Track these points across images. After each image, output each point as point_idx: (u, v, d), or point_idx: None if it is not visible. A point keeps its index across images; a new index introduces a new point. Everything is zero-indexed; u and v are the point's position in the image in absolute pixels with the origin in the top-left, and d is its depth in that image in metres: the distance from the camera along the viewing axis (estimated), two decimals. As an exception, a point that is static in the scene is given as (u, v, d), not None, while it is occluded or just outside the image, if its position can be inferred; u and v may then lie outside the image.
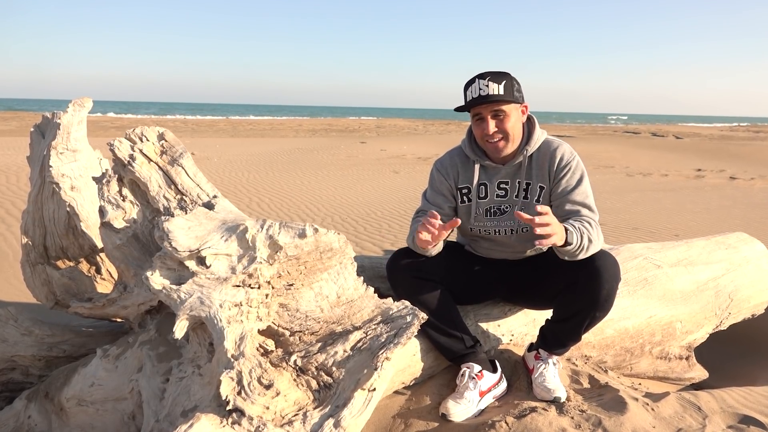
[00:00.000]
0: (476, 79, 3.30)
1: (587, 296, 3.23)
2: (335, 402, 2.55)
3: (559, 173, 3.41)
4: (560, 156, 3.42)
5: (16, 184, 12.31)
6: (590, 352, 3.89)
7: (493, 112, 3.33)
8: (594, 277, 3.19)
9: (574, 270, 3.23)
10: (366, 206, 12.79)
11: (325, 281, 2.87)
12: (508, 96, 3.29)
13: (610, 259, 3.25)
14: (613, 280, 3.21)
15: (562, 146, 3.47)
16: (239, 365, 2.54)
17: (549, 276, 3.42)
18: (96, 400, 3.28)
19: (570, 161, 3.41)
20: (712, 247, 4.74)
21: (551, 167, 3.43)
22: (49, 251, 4.12)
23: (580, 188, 3.38)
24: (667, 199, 14.39)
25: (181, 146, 3.43)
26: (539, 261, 3.48)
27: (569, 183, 3.39)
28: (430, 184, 3.68)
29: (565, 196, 3.37)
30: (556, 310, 3.45)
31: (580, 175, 3.40)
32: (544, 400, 3.25)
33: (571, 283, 3.27)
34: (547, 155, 3.45)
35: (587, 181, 3.42)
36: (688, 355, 4.35)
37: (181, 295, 2.66)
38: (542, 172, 3.45)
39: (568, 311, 3.35)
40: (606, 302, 3.24)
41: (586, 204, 3.35)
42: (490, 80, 3.27)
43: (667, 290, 4.23)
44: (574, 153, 3.46)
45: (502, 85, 3.27)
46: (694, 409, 3.16)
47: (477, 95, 3.29)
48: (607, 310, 3.28)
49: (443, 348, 3.43)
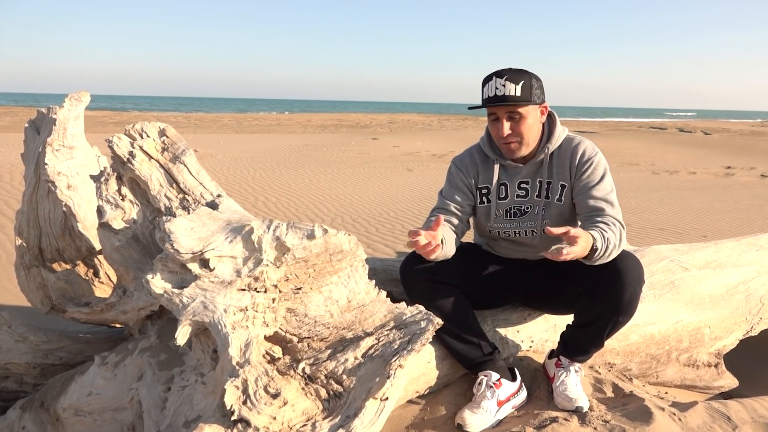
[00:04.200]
0: (493, 77, 3.28)
1: (609, 300, 3.21)
2: (346, 412, 2.54)
3: (581, 168, 3.40)
4: (582, 151, 3.42)
5: (10, 182, 12.35)
6: (614, 360, 3.88)
7: (508, 114, 3.32)
8: (616, 280, 3.17)
9: (595, 272, 3.21)
10: (378, 206, 12.79)
11: (335, 285, 2.87)
12: (525, 97, 3.26)
13: (633, 260, 3.23)
14: (636, 282, 3.19)
15: (583, 142, 3.46)
16: (245, 373, 2.54)
17: (569, 279, 3.41)
18: (94, 410, 3.28)
19: (592, 156, 3.41)
20: (742, 249, 4.71)
21: (572, 163, 3.42)
22: (45, 253, 4.13)
23: (603, 184, 3.36)
24: (694, 198, 14.33)
25: (183, 143, 3.44)
26: (559, 262, 3.47)
27: (592, 178, 3.38)
28: (448, 181, 3.67)
29: (587, 191, 3.36)
30: (576, 314, 3.44)
31: (603, 170, 3.39)
32: (565, 409, 3.24)
33: (592, 287, 3.26)
34: (568, 152, 3.45)
35: (610, 177, 3.41)
36: (717, 362, 4.32)
37: (183, 300, 2.67)
38: (563, 169, 3.45)
39: (590, 316, 3.33)
40: (629, 306, 3.22)
41: (609, 200, 3.33)
42: (507, 79, 3.25)
43: (694, 294, 4.20)
44: (596, 148, 3.45)
45: (520, 85, 3.25)
46: (723, 420, 3.14)
47: (493, 95, 3.28)
48: (630, 314, 3.26)
49: (459, 355, 3.41)
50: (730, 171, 19.98)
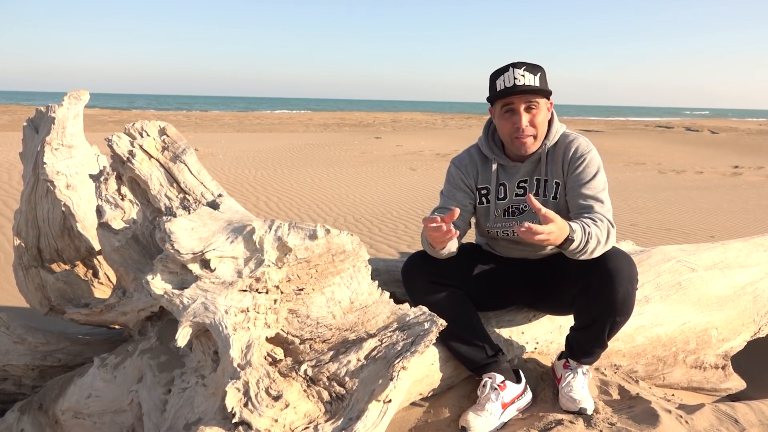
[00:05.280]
0: (510, 68, 3.29)
1: (604, 301, 3.22)
2: (348, 414, 2.54)
3: (573, 165, 3.41)
4: (575, 148, 3.42)
5: (8, 182, 12.37)
6: (620, 361, 3.87)
7: (526, 105, 3.32)
8: (608, 280, 3.18)
9: (587, 273, 3.23)
10: (381, 205, 12.79)
11: (337, 285, 2.87)
12: (543, 87, 3.30)
13: (624, 259, 3.24)
14: (628, 282, 3.20)
15: (577, 139, 3.47)
16: (246, 375, 2.54)
17: (565, 279, 3.42)
18: (93, 412, 3.28)
19: (585, 153, 3.41)
20: (750, 249, 4.71)
21: (565, 160, 3.43)
22: (44, 254, 4.13)
23: (594, 182, 3.37)
24: (701, 198, 14.31)
25: (183, 142, 3.44)
26: (559, 261, 3.46)
27: (584, 176, 3.38)
28: (447, 181, 3.68)
29: (578, 188, 3.37)
30: (575, 317, 3.45)
31: (596, 168, 3.40)
32: (569, 411, 3.24)
33: (586, 288, 3.27)
34: (562, 148, 3.46)
35: (603, 175, 3.41)
36: (724, 364, 4.32)
37: (183, 301, 2.67)
38: (557, 167, 3.46)
39: (587, 318, 3.34)
40: (624, 306, 3.22)
41: (600, 198, 3.34)
42: (525, 70, 3.27)
43: (702, 295, 4.20)
44: (590, 145, 3.46)
45: (538, 76, 3.29)
46: (731, 422, 3.13)
47: (511, 84, 3.27)
48: (627, 313, 3.27)
49: (463, 357, 3.42)
50: (738, 170, 19.96)
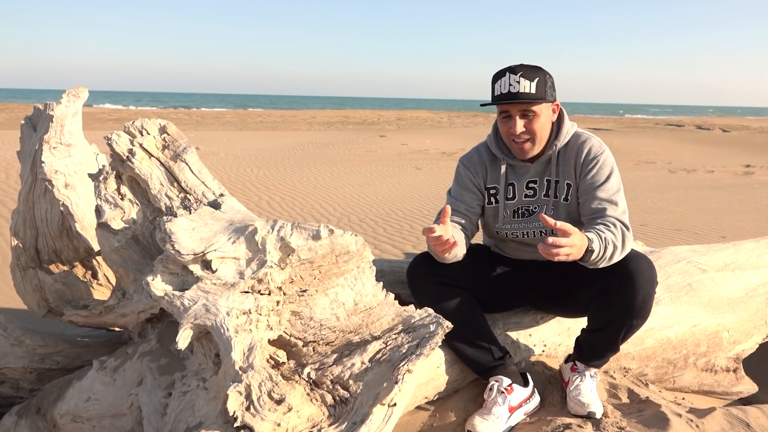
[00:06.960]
0: (506, 73, 3.27)
1: (622, 303, 3.21)
2: (352, 418, 2.54)
3: (586, 167, 3.39)
4: (587, 149, 3.41)
5: (6, 181, 12.41)
6: (629, 364, 3.87)
7: (521, 112, 3.31)
8: (628, 283, 3.17)
9: (606, 275, 3.20)
10: (386, 205, 12.80)
11: (341, 287, 2.87)
12: (539, 95, 3.26)
13: (644, 261, 3.23)
14: (648, 284, 3.19)
15: (590, 139, 3.45)
16: (248, 378, 2.54)
17: (580, 281, 3.38)
18: (92, 416, 3.29)
19: (598, 154, 3.39)
20: (762, 250, 4.69)
21: (578, 162, 3.41)
22: (42, 254, 4.14)
23: (608, 184, 3.35)
24: (713, 197, 14.29)
25: (184, 140, 3.44)
26: (571, 264, 3.45)
27: (597, 178, 3.36)
28: (456, 180, 3.66)
29: (592, 192, 3.35)
30: (590, 318, 3.44)
31: (610, 169, 3.38)
32: (577, 415, 3.23)
33: (604, 290, 3.25)
34: (574, 149, 3.44)
35: (617, 177, 3.40)
36: (735, 367, 4.31)
37: (184, 302, 2.67)
38: (569, 168, 3.44)
39: (603, 320, 3.32)
40: (642, 309, 3.21)
41: (614, 201, 3.32)
42: (522, 76, 3.23)
43: (713, 296, 4.19)
44: (603, 146, 3.44)
45: (535, 82, 3.24)
46: (742, 426, 3.13)
47: (506, 91, 3.26)
48: (644, 317, 3.25)
49: (469, 360, 3.41)
50: (750, 169, 19.92)
